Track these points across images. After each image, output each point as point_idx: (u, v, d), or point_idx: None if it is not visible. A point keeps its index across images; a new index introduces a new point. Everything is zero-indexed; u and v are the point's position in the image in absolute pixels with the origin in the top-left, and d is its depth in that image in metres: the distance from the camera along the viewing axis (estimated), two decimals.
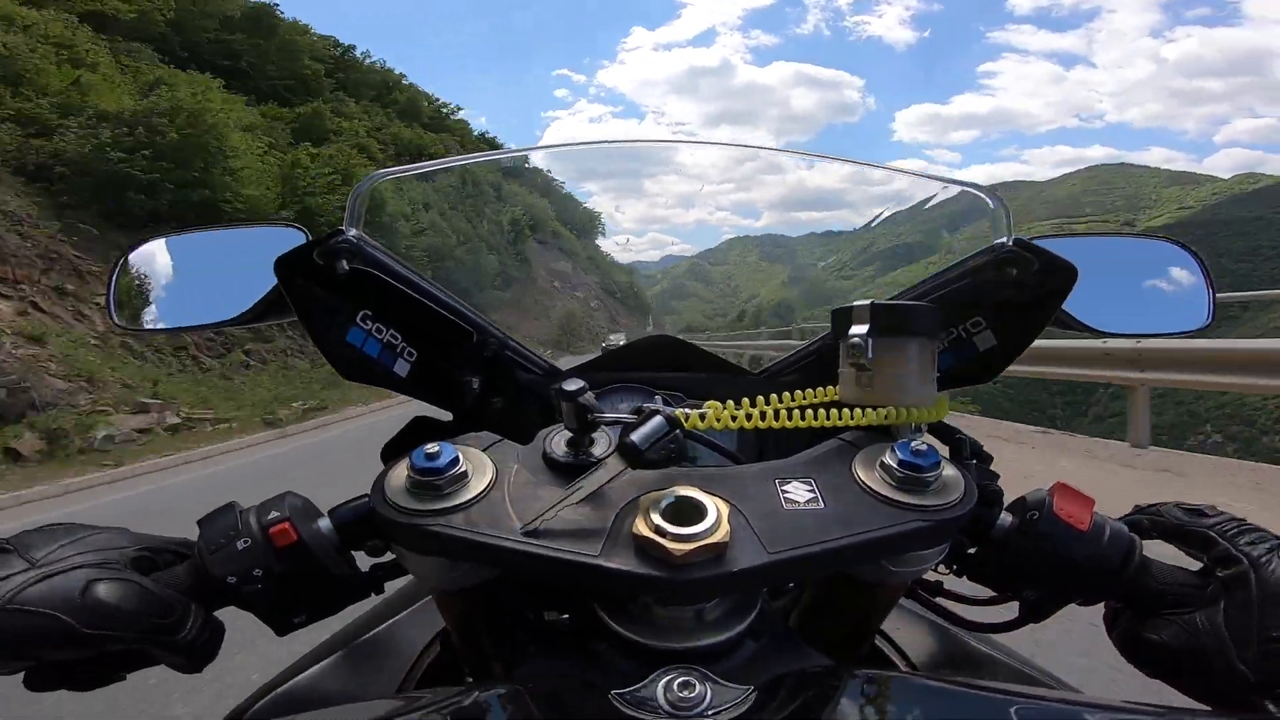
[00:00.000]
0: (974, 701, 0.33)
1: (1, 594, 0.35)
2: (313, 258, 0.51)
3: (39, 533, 0.40)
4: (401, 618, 0.63)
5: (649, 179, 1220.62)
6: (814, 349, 0.63)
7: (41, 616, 0.35)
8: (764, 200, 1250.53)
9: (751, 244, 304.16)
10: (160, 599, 0.38)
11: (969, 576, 0.48)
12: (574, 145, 0.78)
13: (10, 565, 0.37)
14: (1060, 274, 0.50)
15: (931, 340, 0.45)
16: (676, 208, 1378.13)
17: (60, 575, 0.37)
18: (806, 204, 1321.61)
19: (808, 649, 0.40)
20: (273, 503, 0.43)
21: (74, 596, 0.36)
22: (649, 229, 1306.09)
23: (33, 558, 0.37)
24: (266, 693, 0.55)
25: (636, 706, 0.31)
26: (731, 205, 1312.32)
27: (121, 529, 0.42)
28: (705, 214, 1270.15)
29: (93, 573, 0.37)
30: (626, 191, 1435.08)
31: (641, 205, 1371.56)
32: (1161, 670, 0.44)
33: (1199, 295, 0.65)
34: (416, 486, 0.39)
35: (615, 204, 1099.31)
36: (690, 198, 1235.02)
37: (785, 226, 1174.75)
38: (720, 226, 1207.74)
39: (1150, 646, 0.44)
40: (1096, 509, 0.45)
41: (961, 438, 0.48)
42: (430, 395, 0.60)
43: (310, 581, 0.42)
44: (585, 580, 0.36)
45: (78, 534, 0.40)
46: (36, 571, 0.37)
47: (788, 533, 0.37)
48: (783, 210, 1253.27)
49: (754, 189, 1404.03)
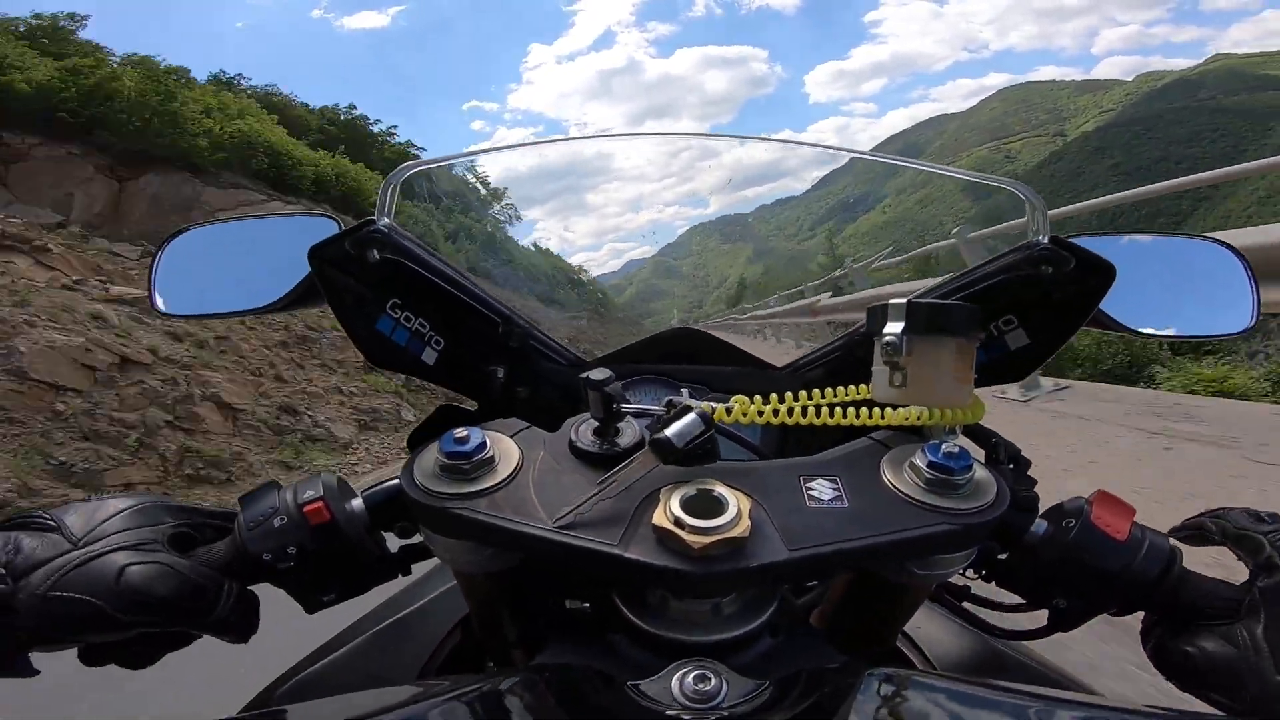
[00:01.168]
0: (991, 703, 0.32)
1: (44, 579, 0.37)
2: (344, 247, 0.52)
3: (83, 507, 0.41)
4: (426, 603, 0.64)
5: (591, 192, 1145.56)
6: (841, 344, 0.62)
7: (80, 603, 0.37)
8: (707, 187, 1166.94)
9: (710, 229, 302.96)
10: (192, 581, 0.39)
11: (998, 582, 0.47)
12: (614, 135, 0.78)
13: (55, 545, 0.38)
14: (1098, 273, 0.49)
15: (969, 340, 0.44)
16: (626, 213, 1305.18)
17: (98, 560, 0.38)
18: (750, 181, 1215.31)
19: (826, 646, 0.40)
20: (309, 482, 0.44)
21: (110, 582, 0.37)
22: (604, 241, 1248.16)
23: (74, 537, 0.39)
24: (295, 673, 0.57)
25: (652, 698, 0.32)
26: (678, 198, 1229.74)
27: (164, 499, 0.43)
28: (656, 213, 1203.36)
29: (128, 556, 0.38)
30: (571, 209, 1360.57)
31: (590, 220, 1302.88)
32: (1197, 683, 0.42)
33: (1243, 296, 0.63)
34: (445, 470, 0.40)
35: (563, 224, 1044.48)
36: (635, 201, 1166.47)
37: (735, 207, 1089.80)
38: (673, 222, 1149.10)
39: (1186, 658, 0.42)
40: (1137, 518, 0.44)
41: (997, 441, 0.47)
42: (457, 383, 0.61)
43: (341, 560, 0.43)
44: (604, 569, 0.37)
45: (121, 508, 0.41)
46: (78, 553, 0.38)
47: (809, 530, 0.37)
48: (729, 191, 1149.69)
49: (696, 177, 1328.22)
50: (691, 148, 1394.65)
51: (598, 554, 0.36)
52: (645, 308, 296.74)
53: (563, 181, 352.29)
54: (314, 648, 0.61)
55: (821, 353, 0.64)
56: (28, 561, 0.37)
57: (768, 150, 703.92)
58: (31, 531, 0.39)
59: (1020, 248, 0.52)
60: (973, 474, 0.40)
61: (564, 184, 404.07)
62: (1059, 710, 0.32)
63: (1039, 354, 0.53)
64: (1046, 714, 0.30)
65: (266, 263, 0.67)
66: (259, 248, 0.70)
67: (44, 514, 0.40)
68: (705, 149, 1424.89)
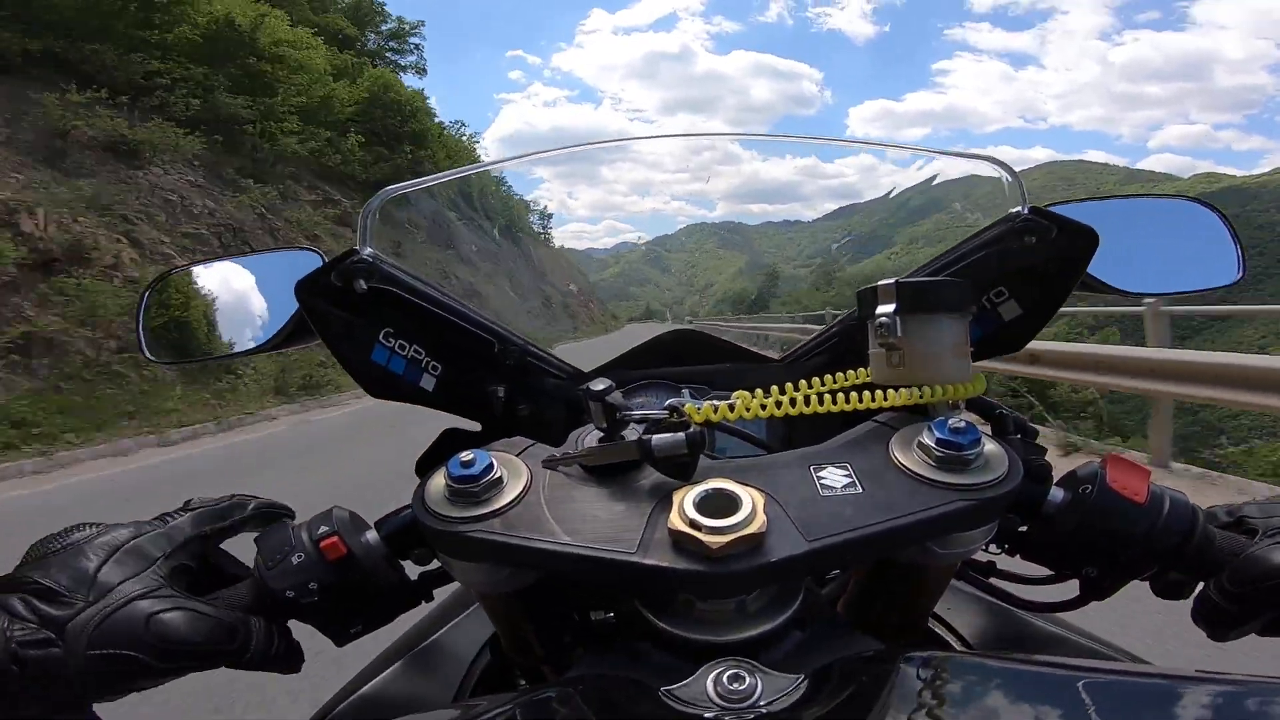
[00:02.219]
0: (1037, 678, 0.32)
1: (76, 639, 0.35)
2: (330, 279, 0.52)
3: (55, 560, 0.38)
4: (453, 625, 0.64)
5: (606, 165, 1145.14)
6: (836, 331, 0.63)
7: (120, 659, 0.36)
8: (718, 191, 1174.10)
9: (709, 231, 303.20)
10: (221, 623, 0.39)
11: (1023, 555, 0.47)
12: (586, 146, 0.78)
13: (68, 605, 0.36)
14: (1080, 238, 0.50)
15: (961, 315, 0.45)
16: (632, 195, 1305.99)
17: (119, 613, 0.37)
18: (761, 196, 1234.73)
19: (857, 634, 0.40)
20: (321, 518, 0.43)
21: (139, 633, 0.36)
22: (604, 216, 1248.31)
23: (81, 592, 0.37)
24: (332, 707, 0.56)
25: (687, 702, 0.31)
26: (687, 195, 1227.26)
27: (141, 528, 0.41)
28: (661, 203, 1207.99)
29: (148, 605, 0.37)
30: (580, 178, 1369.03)
31: (597, 192, 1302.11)
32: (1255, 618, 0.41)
33: (1226, 251, 0.63)
34: (454, 494, 0.39)
35: (568, 190, 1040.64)
36: (645, 186, 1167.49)
37: (739, 217, 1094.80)
38: (675, 216, 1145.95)
39: (1235, 601, 0.41)
40: (1152, 480, 0.44)
41: (1003, 413, 0.47)
42: (458, 407, 0.60)
43: (363, 592, 0.42)
44: (623, 578, 0.36)
45: (105, 549, 0.39)
46: (95, 609, 0.36)
47: (826, 520, 0.37)
48: (737, 201, 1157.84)
49: (710, 180, 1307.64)
50: (714, 148, 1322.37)
51: (615, 563, 0.36)
52: (623, 289, 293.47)
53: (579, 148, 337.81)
54: (344, 680, 0.61)
55: (818, 342, 0.64)
56: (57, 624, 0.36)
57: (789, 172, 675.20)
58: (28, 595, 0.36)
59: (1002, 220, 0.52)
60: (983, 447, 0.40)
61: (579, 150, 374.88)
62: (1107, 681, 0.31)
63: (1033, 322, 0.54)
64: (1095, 685, 0.30)
65: (254, 302, 0.67)
66: (244, 288, 0.70)
67: (31, 576, 0.37)
68: (728, 154, 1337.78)
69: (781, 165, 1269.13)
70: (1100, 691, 0.29)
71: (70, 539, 0.39)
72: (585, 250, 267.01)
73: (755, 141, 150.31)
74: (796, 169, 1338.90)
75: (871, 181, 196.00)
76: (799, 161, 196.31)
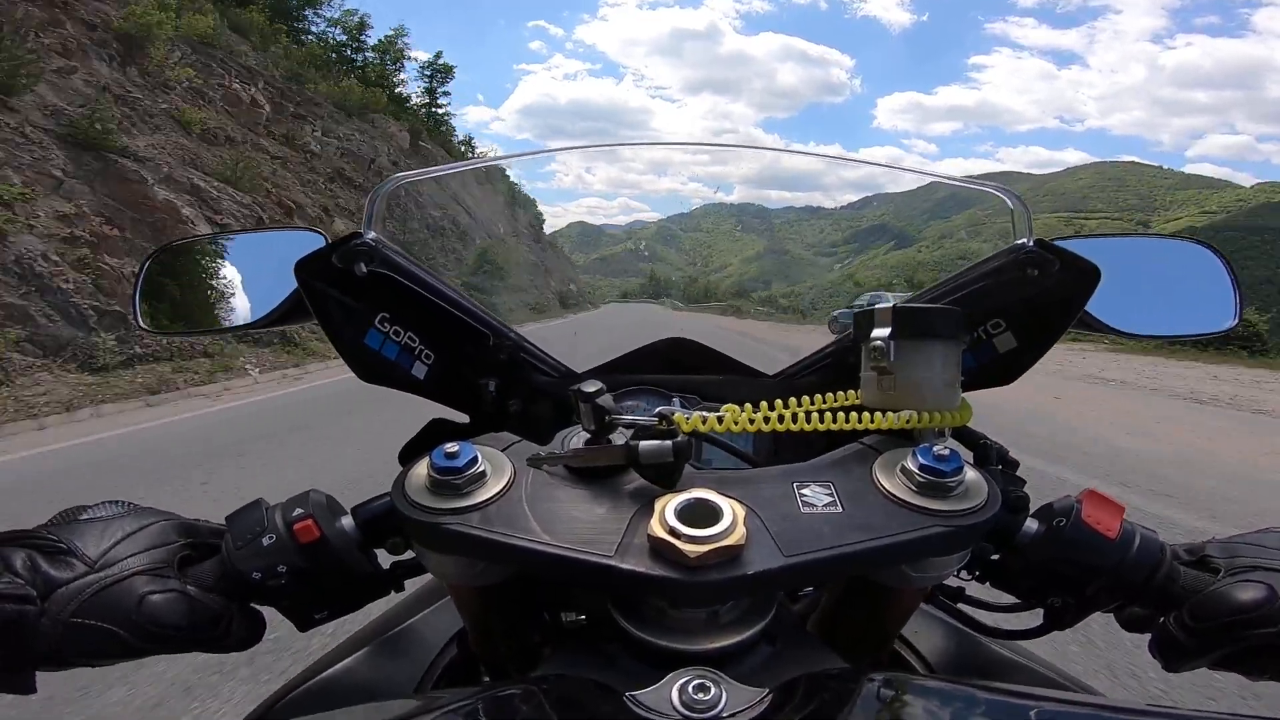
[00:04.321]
0: (993, 705, 0.32)
1: (65, 603, 0.36)
2: (331, 261, 0.52)
3: (90, 527, 0.40)
4: (421, 616, 0.63)
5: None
6: (831, 351, 0.63)
7: (100, 631, 0.36)
8: (738, 175, 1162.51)
9: (727, 212, 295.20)
10: (208, 609, 0.39)
11: (992, 583, 0.47)
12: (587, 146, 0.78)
13: (69, 566, 0.37)
14: (1082, 275, 0.50)
15: (955, 343, 0.45)
16: (649, 174, 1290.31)
17: (116, 586, 0.37)
18: (781, 183, 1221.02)
19: (825, 652, 0.40)
20: (297, 500, 0.43)
21: (130, 610, 0.37)
22: (619, 193, 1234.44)
23: (89, 558, 0.38)
24: (289, 690, 0.56)
25: (650, 709, 0.31)
26: (706, 177, 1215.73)
27: (170, 517, 0.43)
28: (678, 184, 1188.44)
29: (147, 582, 0.38)
30: (598, 154, 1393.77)
31: (614, 169, 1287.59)
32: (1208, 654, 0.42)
33: (1225, 296, 0.64)
34: (436, 485, 0.39)
35: (586, 165, 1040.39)
36: (663, 166, 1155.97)
37: (759, 203, 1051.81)
38: (691, 198, 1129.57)
39: (1192, 636, 0.42)
40: (1126, 516, 0.44)
41: (987, 443, 0.48)
42: (448, 398, 0.60)
43: (333, 578, 0.42)
44: (599, 581, 0.36)
45: (130, 530, 0.40)
46: (95, 577, 0.37)
47: (804, 536, 0.37)
48: (756, 186, 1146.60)
49: (729, 162, 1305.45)
50: (737, 132, 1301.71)
51: (593, 565, 0.36)
52: (632, 265, 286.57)
53: (597, 122, 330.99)
54: (306, 664, 0.60)
55: (811, 360, 0.64)
56: (49, 585, 0.36)
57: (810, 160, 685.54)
58: (44, 553, 0.38)
59: (1006, 251, 0.53)
60: (964, 476, 0.40)
61: (598, 125, 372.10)
62: (1059, 710, 0.32)
63: (1028, 356, 0.54)
64: (1047, 715, 0.30)
65: (252, 278, 0.66)
66: (244, 263, 0.70)
67: (50, 534, 0.39)
68: (749, 138, 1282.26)
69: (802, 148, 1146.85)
70: None
71: (99, 511, 0.41)
72: (600, 225, 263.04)
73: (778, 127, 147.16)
74: (819, 158, 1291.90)
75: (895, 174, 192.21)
76: (822, 148, 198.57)
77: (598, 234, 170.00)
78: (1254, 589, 0.40)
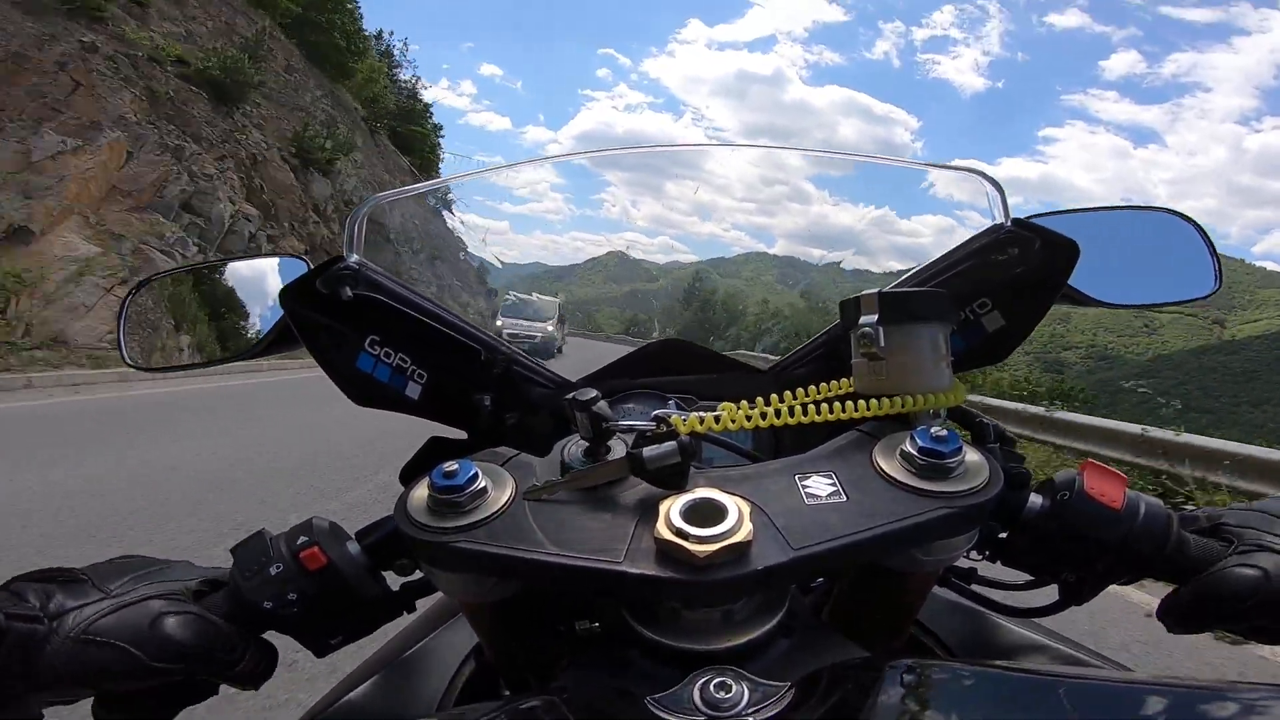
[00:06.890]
0: (1018, 684, 0.32)
1: (75, 623, 0.36)
2: (315, 286, 0.51)
3: (111, 564, 0.41)
4: (436, 635, 0.63)
5: (671, 180, 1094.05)
6: (822, 342, 0.63)
7: (112, 648, 0.36)
8: (781, 229, 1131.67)
9: (770, 263, 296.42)
10: (223, 633, 0.39)
11: (1003, 562, 0.47)
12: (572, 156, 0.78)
13: (85, 594, 0.38)
14: (1062, 250, 0.50)
15: (943, 325, 0.45)
16: (693, 217, 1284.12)
17: (131, 607, 0.38)
18: (825, 241, 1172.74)
19: (843, 642, 0.40)
20: (300, 528, 0.43)
21: (144, 629, 0.37)
22: (661, 232, 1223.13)
23: (106, 588, 0.38)
24: (313, 717, 0.55)
25: (673, 710, 0.31)
26: (750, 226, 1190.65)
27: (188, 563, 0.43)
28: (720, 230, 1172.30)
29: (162, 605, 0.38)
30: (645, 188, 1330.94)
31: (658, 207, 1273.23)
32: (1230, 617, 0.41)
33: (1203, 263, 0.65)
34: (438, 505, 0.39)
35: (631, 199, 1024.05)
36: (707, 209, 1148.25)
37: (802, 259, 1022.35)
38: (732, 245, 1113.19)
39: (1203, 604, 0.42)
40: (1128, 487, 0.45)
41: (983, 421, 0.48)
42: (444, 416, 0.60)
43: (343, 603, 0.42)
44: (609, 587, 0.36)
45: (149, 566, 0.41)
46: (110, 602, 0.38)
47: (811, 528, 0.37)
48: (799, 242, 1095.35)
49: (776, 214, 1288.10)
50: (787, 185, 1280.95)
51: (602, 573, 0.36)
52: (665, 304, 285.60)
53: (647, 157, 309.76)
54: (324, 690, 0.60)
55: (803, 352, 0.65)
56: (61, 607, 0.37)
57: (858, 220, 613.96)
58: (60, 583, 0.38)
59: (985, 232, 0.53)
60: (964, 456, 0.40)
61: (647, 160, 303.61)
62: (1086, 686, 0.32)
63: (1016, 334, 0.54)
64: (1074, 691, 0.30)
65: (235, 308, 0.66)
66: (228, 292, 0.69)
67: (70, 568, 0.40)
68: (798, 191, 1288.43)
69: (853, 212, 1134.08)
70: (1079, 697, 0.29)
71: (129, 558, 0.42)
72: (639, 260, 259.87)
73: (831, 183, 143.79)
74: (869, 219, 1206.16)
75: (942, 244, 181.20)
76: (872, 212, 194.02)
77: (635, 269, 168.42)
78: (1253, 571, 0.40)
